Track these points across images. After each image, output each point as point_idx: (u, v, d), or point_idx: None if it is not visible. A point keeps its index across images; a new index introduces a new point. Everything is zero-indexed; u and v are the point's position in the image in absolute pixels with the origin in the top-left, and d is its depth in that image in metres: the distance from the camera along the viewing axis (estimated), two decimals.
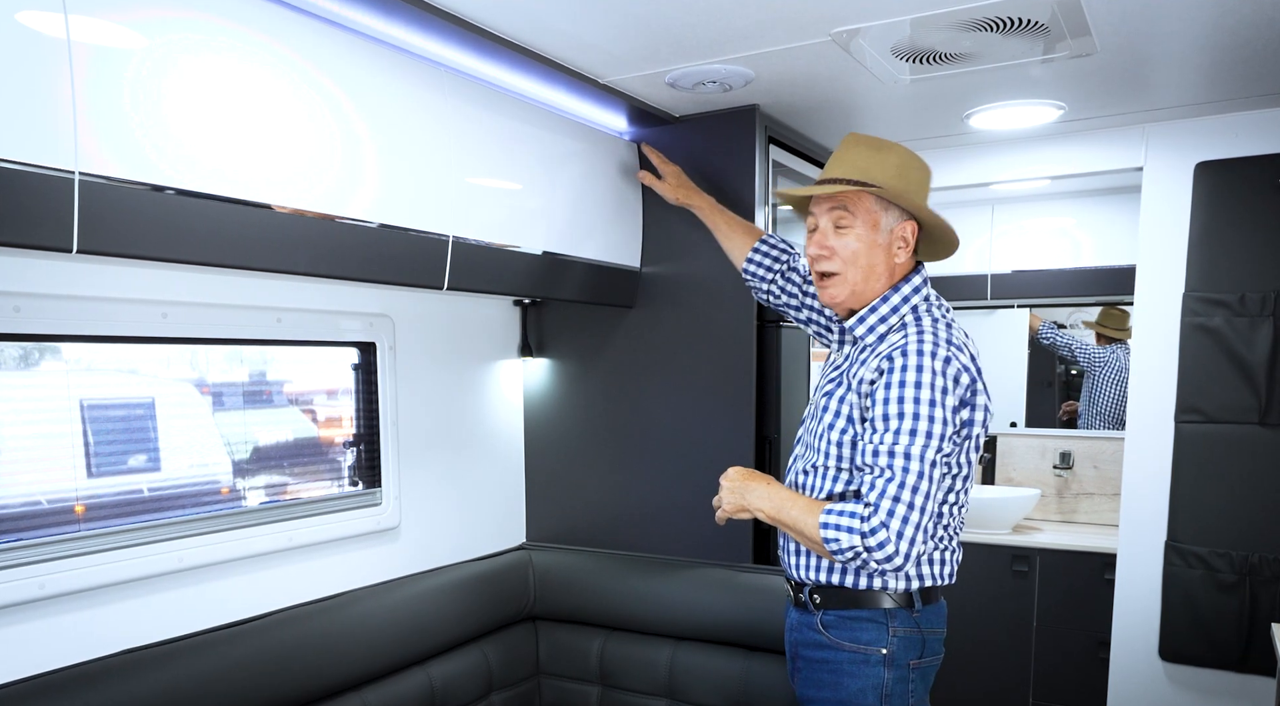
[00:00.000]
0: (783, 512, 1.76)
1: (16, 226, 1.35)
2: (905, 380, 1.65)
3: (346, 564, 2.39)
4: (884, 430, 1.65)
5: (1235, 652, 2.70)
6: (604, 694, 2.64)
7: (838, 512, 1.66)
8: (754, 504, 1.80)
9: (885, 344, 1.74)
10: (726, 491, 1.84)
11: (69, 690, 1.70)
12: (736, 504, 1.82)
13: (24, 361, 1.81)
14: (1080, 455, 4.17)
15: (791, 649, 1.96)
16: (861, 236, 1.76)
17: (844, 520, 1.65)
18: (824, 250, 1.78)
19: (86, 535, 1.86)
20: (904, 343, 1.68)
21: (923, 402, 1.64)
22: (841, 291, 1.80)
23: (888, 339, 1.75)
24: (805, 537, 1.73)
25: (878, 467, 1.65)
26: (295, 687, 2.05)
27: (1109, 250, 4.08)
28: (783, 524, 1.78)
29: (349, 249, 1.88)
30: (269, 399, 2.30)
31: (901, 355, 1.67)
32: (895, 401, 1.65)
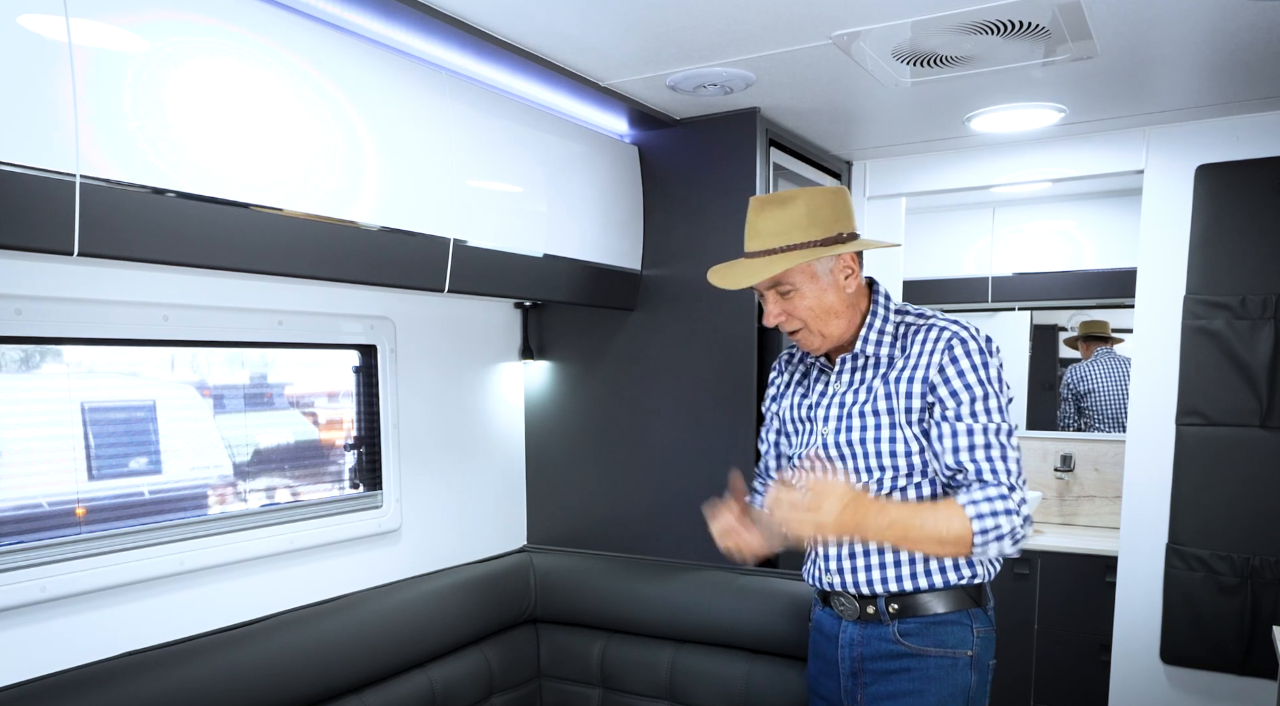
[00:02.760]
0: (897, 527, 1.65)
1: (18, 229, 1.35)
2: (970, 368, 1.71)
3: (347, 566, 2.38)
4: (981, 414, 1.69)
5: (1236, 655, 2.69)
6: (605, 696, 2.63)
7: (981, 500, 1.64)
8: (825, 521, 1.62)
9: (914, 340, 1.78)
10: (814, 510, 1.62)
11: (70, 693, 1.70)
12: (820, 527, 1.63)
13: (25, 364, 1.81)
14: (1081, 458, 4.16)
15: (853, 664, 1.87)
16: (807, 293, 1.78)
17: (995, 505, 1.63)
18: (780, 318, 1.81)
19: (87, 538, 1.86)
20: (947, 342, 1.73)
21: (992, 382, 1.72)
22: (814, 340, 1.83)
23: (910, 343, 1.79)
24: (933, 541, 1.66)
25: (988, 449, 1.68)
26: (296, 690, 2.05)
27: (1110, 253, 4.08)
28: (895, 538, 1.67)
29: (350, 252, 1.88)
30: (270, 401, 2.30)
31: (968, 353, 1.72)
32: (976, 386, 1.70)
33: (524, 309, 2.94)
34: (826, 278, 1.79)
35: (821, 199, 1.78)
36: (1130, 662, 2.87)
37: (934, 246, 4.46)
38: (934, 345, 1.74)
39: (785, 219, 1.75)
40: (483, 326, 2.81)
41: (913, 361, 1.76)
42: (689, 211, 2.66)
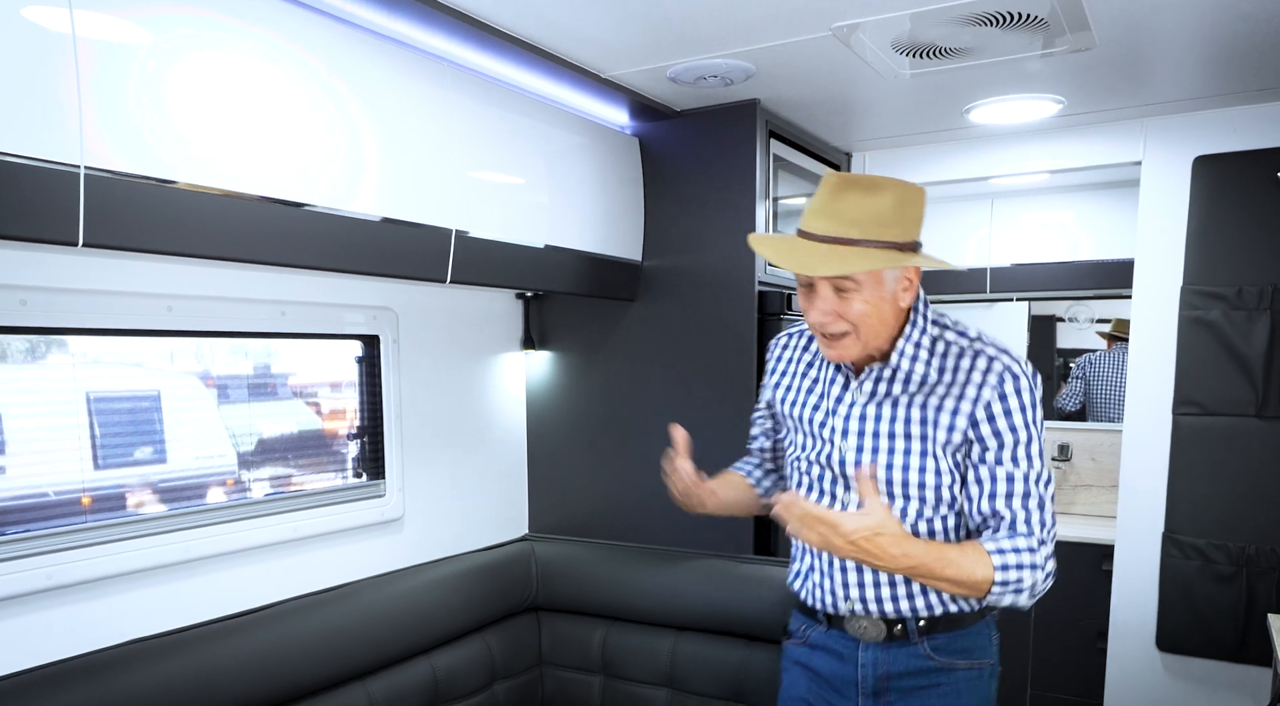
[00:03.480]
0: (926, 566, 1.52)
1: (23, 220, 1.35)
2: (1017, 408, 1.58)
3: (350, 555, 2.39)
4: (1024, 461, 1.58)
5: (1232, 643, 2.70)
6: (606, 683, 2.64)
7: (1009, 551, 1.54)
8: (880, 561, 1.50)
9: (958, 368, 1.62)
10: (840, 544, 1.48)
11: (76, 680, 1.70)
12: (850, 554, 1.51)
13: (31, 354, 1.81)
14: (1079, 447, 4.17)
15: (877, 683, 1.73)
16: (868, 298, 1.57)
17: (1022, 558, 1.54)
18: (828, 318, 1.57)
19: (93, 526, 1.87)
20: (998, 378, 1.58)
21: (1037, 423, 1.60)
22: (852, 351, 1.62)
23: (955, 365, 1.63)
24: (954, 583, 1.55)
25: (1026, 498, 1.58)
26: (300, 677, 2.06)
27: (1107, 244, 4.08)
28: (925, 575, 1.55)
29: (352, 242, 1.88)
30: (273, 392, 2.31)
31: (1018, 392, 1.58)
32: (1020, 431, 1.58)
33: (525, 299, 2.94)
34: (891, 285, 1.59)
35: (911, 196, 1.57)
36: (1127, 650, 2.88)
37: (932, 237, 4.41)
38: (983, 377, 1.59)
39: (870, 208, 1.52)
40: (484, 317, 2.81)
41: (957, 390, 1.60)
42: (689, 203, 2.66)
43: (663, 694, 2.53)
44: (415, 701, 2.32)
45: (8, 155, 1.30)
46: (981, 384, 1.58)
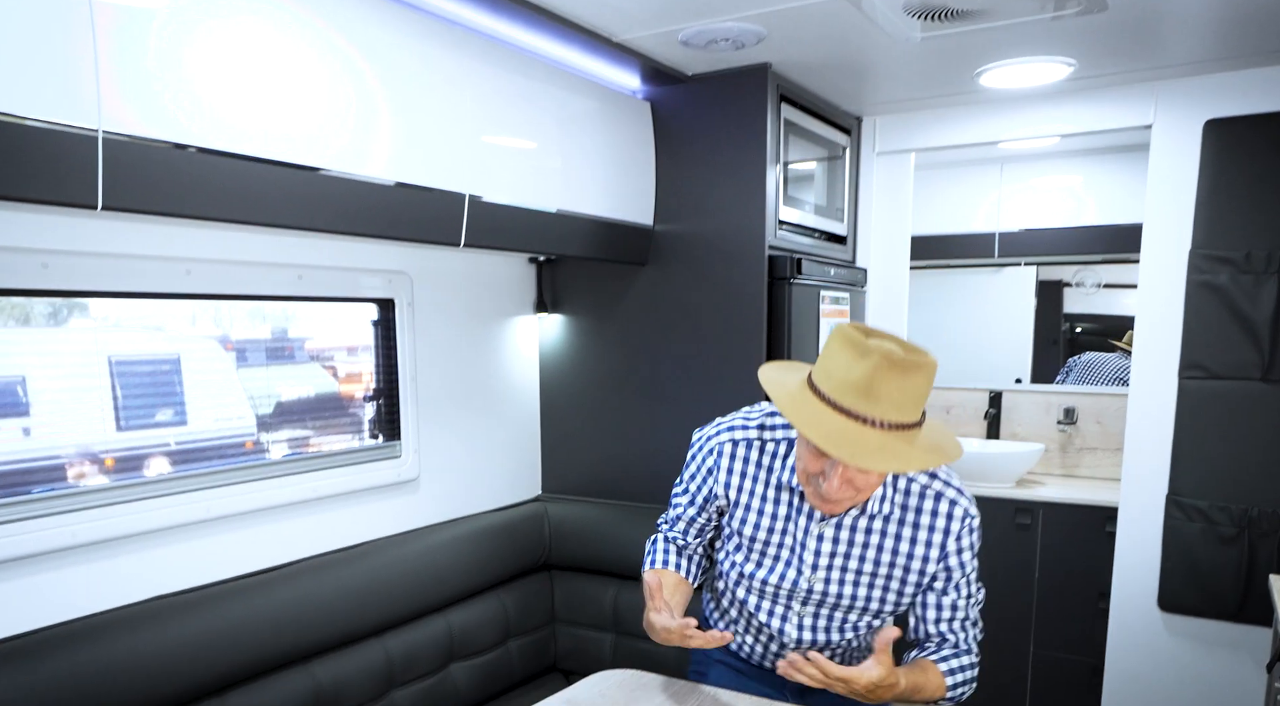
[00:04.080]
0: (907, 694, 1.63)
1: (43, 183, 1.35)
2: (972, 549, 1.70)
3: (367, 515, 2.41)
4: (967, 587, 1.73)
5: (1233, 603, 2.71)
6: (617, 640, 2.67)
7: (958, 670, 1.72)
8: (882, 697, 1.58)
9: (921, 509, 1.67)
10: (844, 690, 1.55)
11: (100, 636, 1.73)
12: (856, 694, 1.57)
13: (54, 318, 1.82)
14: (1084, 411, 4.16)
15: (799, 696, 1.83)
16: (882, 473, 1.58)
17: (968, 674, 1.74)
18: (850, 491, 1.55)
19: (116, 486, 1.88)
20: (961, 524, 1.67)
21: (978, 556, 1.74)
22: (843, 507, 1.63)
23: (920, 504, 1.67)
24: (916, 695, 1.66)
25: (968, 620, 1.75)
26: (319, 634, 2.09)
27: (1116, 208, 4.05)
28: (901, 698, 1.64)
29: (367, 206, 1.88)
30: (291, 355, 2.32)
31: (971, 534, 1.70)
32: (971, 563, 1.71)
33: (538, 263, 2.94)
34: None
35: (934, 374, 1.49)
36: (1128, 610, 2.89)
37: (942, 202, 4.42)
38: (948, 522, 1.66)
39: (913, 391, 1.46)
40: (498, 280, 2.81)
41: (924, 534, 1.67)
42: (701, 167, 2.65)
43: (673, 650, 2.55)
44: (431, 657, 2.36)
45: (27, 119, 1.30)
46: (946, 531, 1.67)
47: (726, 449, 1.78)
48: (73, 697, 1.64)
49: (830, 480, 1.53)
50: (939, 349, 4.75)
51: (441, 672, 2.40)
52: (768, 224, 2.59)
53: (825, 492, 1.55)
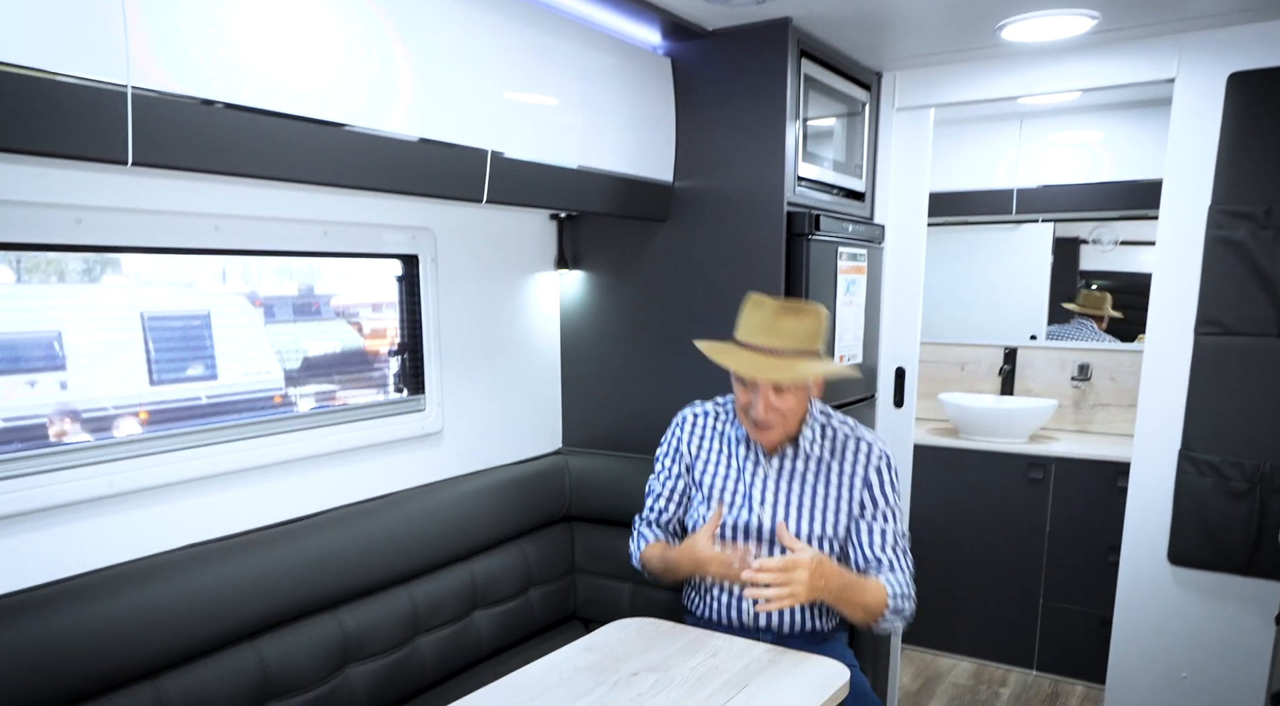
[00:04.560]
0: (851, 590, 1.92)
1: (74, 139, 1.35)
2: (889, 481, 2.07)
3: (393, 467, 2.44)
4: (893, 519, 2.06)
5: (1242, 557, 2.71)
6: (635, 589, 2.71)
7: (896, 584, 1.98)
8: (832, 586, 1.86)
9: (846, 448, 2.09)
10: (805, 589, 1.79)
11: (136, 582, 1.76)
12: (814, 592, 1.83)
13: (88, 275, 1.83)
14: (1098, 367, 4.15)
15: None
16: (798, 395, 2.00)
17: (905, 588, 1.99)
18: (772, 413, 1.98)
19: (150, 437, 1.91)
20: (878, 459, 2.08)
21: (898, 492, 2.11)
22: (777, 435, 2.05)
23: (843, 446, 2.10)
24: (863, 608, 1.94)
25: (898, 547, 2.05)
26: (347, 582, 2.13)
27: (1135, 164, 4.00)
28: (848, 600, 1.92)
29: (391, 162, 1.87)
30: (317, 311, 2.33)
31: (889, 469, 2.08)
32: (891, 497, 2.07)
33: (559, 220, 2.93)
34: (811, 387, 2.04)
35: (825, 319, 2.01)
36: (1138, 563, 2.90)
37: (960, 159, 4.38)
38: (867, 458, 2.07)
39: (805, 328, 1.95)
40: (519, 237, 2.81)
41: (849, 467, 2.07)
42: (720, 123, 2.63)
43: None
44: (455, 605, 2.39)
45: (58, 75, 1.30)
46: (866, 463, 2.07)
47: (689, 419, 2.26)
48: (116, 638, 1.68)
49: (757, 406, 1.98)
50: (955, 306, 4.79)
51: (465, 620, 2.43)
52: (787, 180, 2.57)
53: (755, 417, 1.99)
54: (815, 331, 1.97)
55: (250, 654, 1.91)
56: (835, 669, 1.71)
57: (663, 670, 1.73)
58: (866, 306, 3.06)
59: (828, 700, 1.61)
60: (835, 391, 2.89)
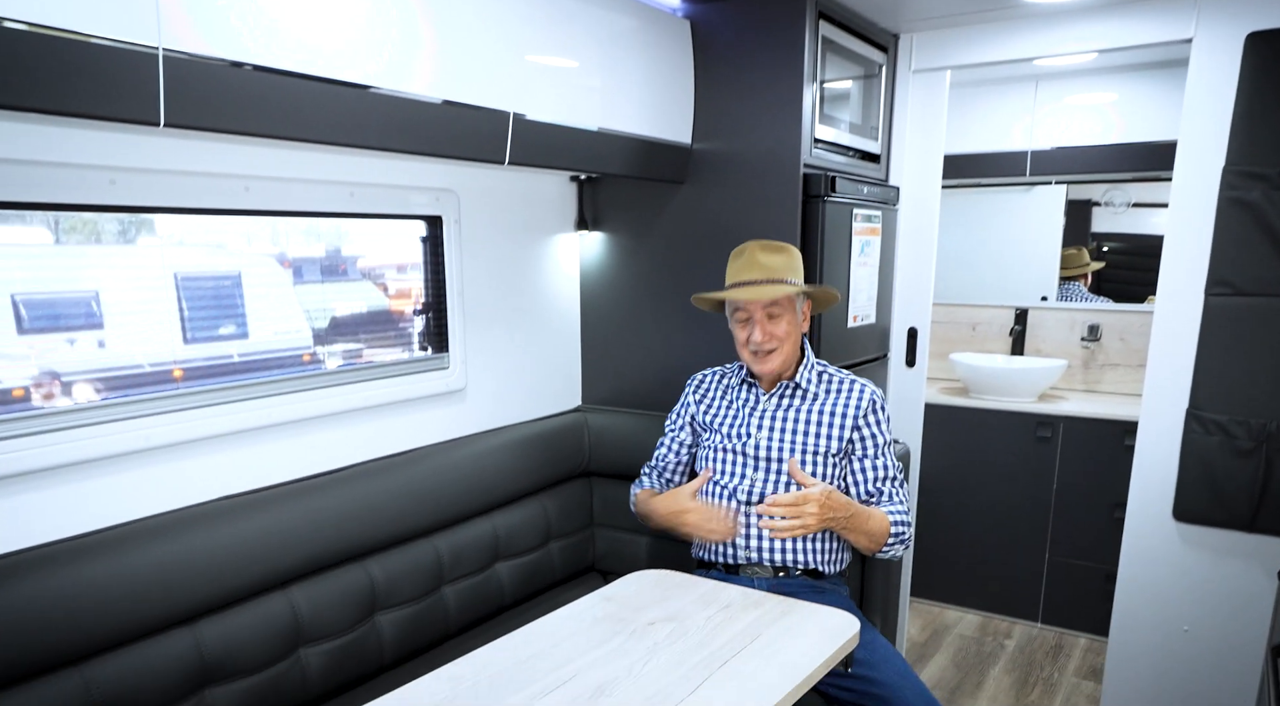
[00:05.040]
0: (858, 519, 2.08)
1: (108, 101, 1.35)
2: (883, 420, 2.23)
3: (417, 423, 2.46)
4: (887, 456, 2.21)
5: (1246, 514, 2.71)
6: (652, 543, 2.73)
7: (896, 513, 2.15)
8: (840, 515, 2.06)
9: (840, 389, 2.25)
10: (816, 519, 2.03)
11: (174, 532, 1.79)
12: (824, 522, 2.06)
13: (123, 236, 1.84)
14: (1108, 328, 4.13)
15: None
16: (791, 321, 2.19)
17: (905, 517, 2.15)
18: (769, 339, 2.16)
19: (185, 393, 1.93)
20: (870, 398, 2.23)
21: (890, 433, 2.26)
22: (777, 362, 2.20)
23: (838, 387, 2.25)
24: (868, 535, 2.10)
25: (895, 480, 2.21)
26: (372, 535, 2.15)
27: (1150, 126, 3.94)
28: (854, 528, 2.09)
29: (415, 124, 1.86)
30: (344, 273, 2.33)
31: (881, 409, 2.24)
32: (885, 434, 2.23)
33: (579, 182, 2.92)
34: (799, 313, 2.22)
35: (799, 256, 2.23)
36: (1143, 519, 2.91)
37: (975, 121, 4.33)
38: (860, 397, 2.23)
39: (783, 261, 2.17)
40: (540, 199, 2.80)
41: (842, 404, 2.22)
42: (738, 86, 2.60)
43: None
44: (478, 556, 2.42)
45: (90, 37, 1.30)
46: (858, 402, 2.22)
47: (698, 379, 2.47)
48: (155, 585, 1.71)
49: (755, 334, 2.16)
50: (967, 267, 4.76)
51: (487, 571, 2.46)
52: (803, 142, 2.55)
53: (755, 345, 2.18)
54: (791, 264, 2.18)
55: (283, 602, 1.94)
56: (845, 620, 1.72)
57: (678, 620, 1.74)
58: (880, 267, 3.05)
59: (838, 649, 1.62)
60: (850, 348, 2.89)
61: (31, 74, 1.25)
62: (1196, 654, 2.86)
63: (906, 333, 3.27)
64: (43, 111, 1.29)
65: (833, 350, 2.76)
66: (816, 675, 1.54)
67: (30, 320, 1.70)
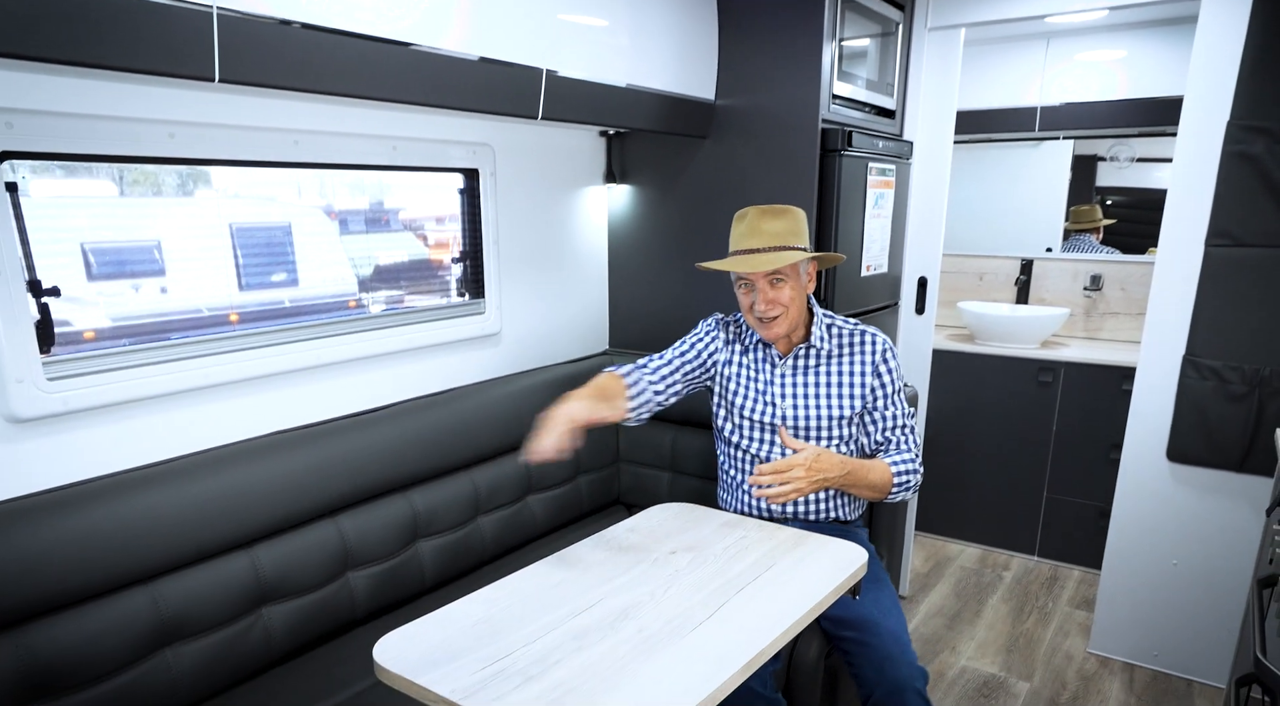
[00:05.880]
0: (855, 474, 1.99)
1: (166, 57, 1.35)
2: (893, 367, 2.11)
3: (455, 364, 2.47)
4: (899, 405, 2.10)
5: (1237, 455, 2.70)
6: (673, 478, 2.76)
7: (901, 462, 2.05)
8: (832, 475, 1.94)
9: (853, 343, 2.12)
10: (805, 481, 1.89)
11: (231, 463, 1.83)
12: (815, 484, 1.93)
13: (182, 189, 1.85)
14: (1110, 278, 4.08)
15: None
16: (794, 286, 2.04)
17: (910, 466, 2.05)
18: (773, 306, 2.02)
19: (240, 335, 1.95)
20: (882, 347, 2.11)
21: (901, 378, 2.14)
22: (783, 328, 2.06)
23: (850, 342, 2.13)
24: (870, 487, 2.01)
25: (904, 428, 2.10)
26: (416, 466, 2.18)
27: (1157, 82, 3.85)
28: (853, 482, 1.99)
29: (453, 80, 1.85)
30: (387, 224, 2.33)
31: (892, 356, 2.12)
32: (895, 382, 2.11)
33: (608, 137, 2.89)
34: (803, 276, 2.07)
35: (803, 218, 2.07)
36: (1138, 460, 2.90)
37: (987, 78, 4.23)
38: (872, 346, 2.11)
39: (785, 226, 2.02)
40: (571, 152, 2.78)
41: (858, 357, 2.11)
42: (761, 43, 2.55)
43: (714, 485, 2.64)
44: (511, 489, 2.45)
45: None
46: (871, 352, 2.11)
47: (722, 319, 2.27)
48: (215, 511, 1.76)
49: (758, 302, 2.02)
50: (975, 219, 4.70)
51: (520, 503, 2.49)
52: (822, 98, 2.51)
53: (759, 313, 2.04)
54: (795, 228, 2.03)
55: (331, 529, 1.98)
56: (855, 551, 1.73)
57: (698, 549, 1.75)
58: (893, 219, 3.02)
59: (847, 578, 1.64)
60: (863, 296, 2.88)
61: (98, 32, 1.25)
62: (1184, 586, 2.88)
63: (917, 282, 3.25)
64: (109, 68, 1.29)
65: (847, 297, 2.75)
66: (827, 601, 1.56)
67: (98, 267, 1.72)
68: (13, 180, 1.53)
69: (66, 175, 1.65)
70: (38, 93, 1.53)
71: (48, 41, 1.22)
